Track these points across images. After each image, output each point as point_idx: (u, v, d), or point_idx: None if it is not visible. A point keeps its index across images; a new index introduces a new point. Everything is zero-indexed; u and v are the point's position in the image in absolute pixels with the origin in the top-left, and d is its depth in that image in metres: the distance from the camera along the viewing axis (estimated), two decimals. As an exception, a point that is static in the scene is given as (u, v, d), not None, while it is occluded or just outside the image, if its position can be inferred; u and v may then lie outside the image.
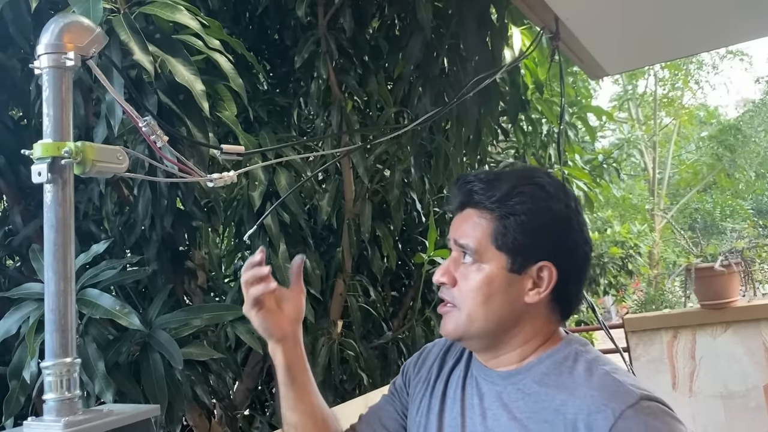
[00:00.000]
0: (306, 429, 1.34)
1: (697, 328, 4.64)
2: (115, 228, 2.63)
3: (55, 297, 1.10)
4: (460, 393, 1.22)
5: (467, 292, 1.13)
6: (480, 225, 1.14)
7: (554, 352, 1.15)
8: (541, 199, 1.14)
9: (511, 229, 1.12)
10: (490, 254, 1.13)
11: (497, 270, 1.13)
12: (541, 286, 1.13)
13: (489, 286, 1.12)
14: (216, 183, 1.39)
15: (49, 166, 1.12)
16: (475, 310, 1.13)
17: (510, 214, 1.12)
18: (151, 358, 1.98)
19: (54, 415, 1.06)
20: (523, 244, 1.12)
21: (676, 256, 10.63)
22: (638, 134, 14.38)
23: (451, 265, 1.16)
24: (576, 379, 1.09)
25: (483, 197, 1.14)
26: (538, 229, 1.13)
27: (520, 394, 1.13)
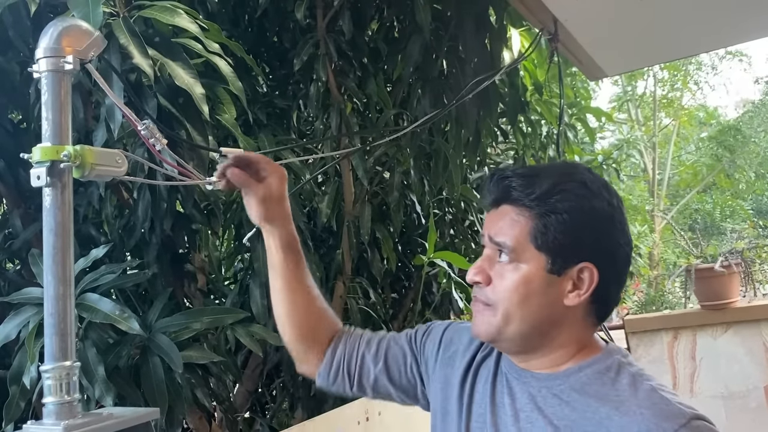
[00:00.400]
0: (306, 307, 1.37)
1: (697, 328, 4.64)
2: (114, 231, 2.63)
3: (55, 301, 1.10)
4: (489, 388, 1.18)
5: (503, 292, 1.09)
6: (518, 223, 1.09)
7: (595, 361, 1.11)
8: (583, 197, 1.09)
9: (551, 228, 1.07)
10: (528, 254, 1.08)
11: (536, 270, 1.08)
12: (582, 289, 1.08)
13: (526, 286, 1.08)
14: (216, 186, 1.39)
15: (48, 170, 1.12)
16: (511, 310, 1.08)
17: (551, 212, 1.07)
18: (151, 361, 1.98)
19: (54, 419, 1.06)
20: (563, 244, 1.07)
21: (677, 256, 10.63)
22: (638, 135, 14.39)
23: (486, 263, 1.12)
24: (620, 393, 1.05)
25: (522, 194, 1.09)
26: (580, 229, 1.08)
27: (557, 400, 1.08)
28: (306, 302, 1.39)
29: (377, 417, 2.22)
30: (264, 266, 2.63)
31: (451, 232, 3.89)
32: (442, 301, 3.62)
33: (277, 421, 3.55)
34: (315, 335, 1.39)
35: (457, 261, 3.24)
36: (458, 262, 3.25)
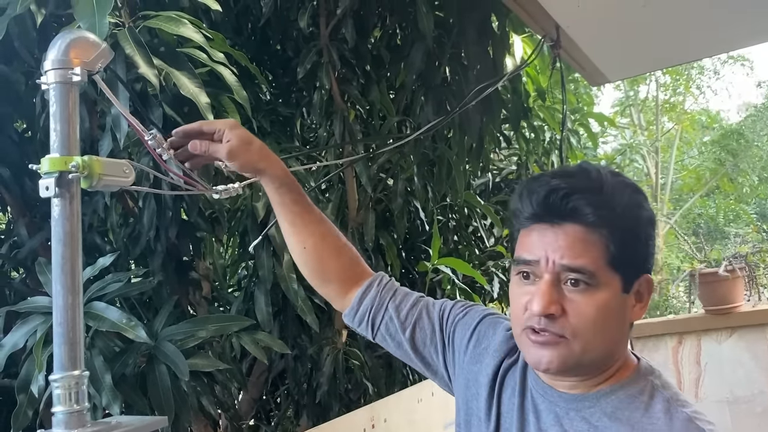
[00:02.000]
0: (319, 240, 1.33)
1: (702, 333, 4.63)
2: (120, 239, 2.64)
3: (63, 311, 1.11)
4: (518, 401, 1.13)
5: (585, 323, 0.99)
6: (594, 244, 0.99)
7: (627, 383, 1.05)
8: (646, 208, 1.04)
9: (629, 246, 1.00)
10: (605, 277, 0.99)
11: (612, 294, 1.00)
12: (643, 301, 1.04)
13: (606, 313, 1.00)
14: (221, 195, 1.40)
15: (57, 181, 1.12)
16: (592, 341, 1.00)
17: (628, 229, 1.00)
18: (158, 369, 1.99)
19: (62, 428, 1.07)
20: (637, 261, 1.02)
21: (680, 261, 10.61)
22: (640, 139, 14.38)
23: (554, 292, 1.00)
24: (654, 421, 0.99)
25: (596, 213, 0.99)
26: (649, 241, 1.03)
27: (585, 424, 1.03)
28: (320, 240, 1.34)
29: (383, 424, 2.22)
30: (268, 273, 2.65)
31: (455, 239, 3.90)
32: (446, 308, 3.62)
33: (282, 428, 3.56)
34: (335, 270, 1.35)
35: (461, 267, 3.24)
36: (462, 269, 3.25)
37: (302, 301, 2.74)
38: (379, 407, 2.29)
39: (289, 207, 1.34)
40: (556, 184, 1.01)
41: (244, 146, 1.29)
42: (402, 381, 3.24)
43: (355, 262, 1.37)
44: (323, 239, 1.35)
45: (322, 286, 1.39)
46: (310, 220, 1.35)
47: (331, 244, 1.36)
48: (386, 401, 2.46)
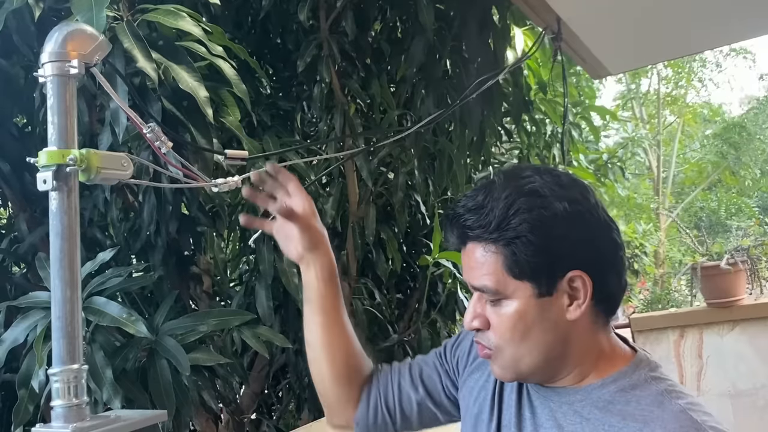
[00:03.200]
0: (346, 344, 1.29)
1: (704, 327, 4.63)
2: (120, 234, 2.64)
3: (62, 304, 1.11)
4: (515, 398, 1.14)
5: (503, 335, 1.02)
6: (488, 260, 1.01)
7: (620, 376, 1.04)
8: (540, 207, 1.00)
9: (521, 253, 0.99)
10: (511, 287, 1.01)
11: (525, 300, 1.01)
12: (580, 298, 1.02)
13: (523, 321, 1.01)
14: (221, 188, 1.39)
15: (55, 174, 1.12)
16: (516, 350, 1.03)
17: (515, 238, 0.99)
18: (158, 364, 1.99)
19: (62, 422, 1.07)
20: (541, 264, 1.00)
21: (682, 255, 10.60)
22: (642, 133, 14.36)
23: (478, 307, 1.05)
24: (646, 413, 0.98)
25: (479, 230, 1.01)
26: (551, 241, 0.99)
27: (578, 418, 1.03)
28: (346, 339, 1.30)
29: (384, 418, 2.21)
30: (269, 267, 2.65)
31: (456, 233, 3.89)
32: (448, 302, 3.62)
33: (284, 422, 3.56)
34: (352, 376, 1.31)
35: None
36: (463, 262, 3.24)
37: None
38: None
39: (327, 308, 1.29)
40: (453, 209, 1.07)
41: (316, 224, 1.28)
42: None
43: (367, 369, 1.34)
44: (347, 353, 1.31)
45: (337, 392, 1.32)
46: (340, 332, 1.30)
47: (355, 356, 1.32)
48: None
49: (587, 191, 1.05)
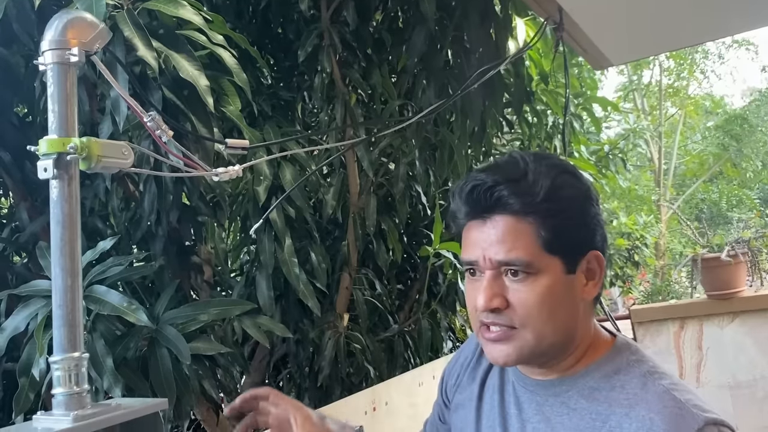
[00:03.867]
0: None
1: (704, 318, 4.63)
2: (121, 224, 2.64)
3: (63, 293, 1.11)
4: (498, 398, 1.14)
5: (531, 310, 0.99)
6: (524, 233, 0.99)
7: (603, 362, 1.05)
8: (576, 186, 1.03)
9: (561, 229, 0.99)
10: (544, 262, 0.99)
11: (555, 277, 1.00)
12: (595, 278, 1.03)
13: (552, 297, 0.99)
14: (221, 177, 1.39)
15: (55, 162, 1.12)
16: (542, 327, 1.00)
17: (558, 212, 0.99)
18: (159, 353, 1.99)
19: (63, 409, 1.07)
20: (575, 241, 1.01)
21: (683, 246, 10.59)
22: (644, 124, 14.33)
23: (495, 286, 1.00)
24: (630, 397, 0.99)
25: (520, 201, 0.99)
26: (585, 219, 1.02)
27: (565, 409, 1.03)
28: None
29: (384, 407, 2.23)
30: (270, 257, 2.65)
31: (456, 224, 3.88)
32: (448, 292, 3.62)
33: (285, 412, 3.56)
34: None
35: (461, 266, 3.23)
36: (464, 253, 3.24)
37: (304, 285, 2.74)
38: (380, 390, 2.30)
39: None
40: (481, 179, 1.02)
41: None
42: (403, 365, 3.25)
43: None
44: None
45: None
46: None
47: None
48: (387, 384, 2.47)
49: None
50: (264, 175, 2.59)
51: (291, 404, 1.22)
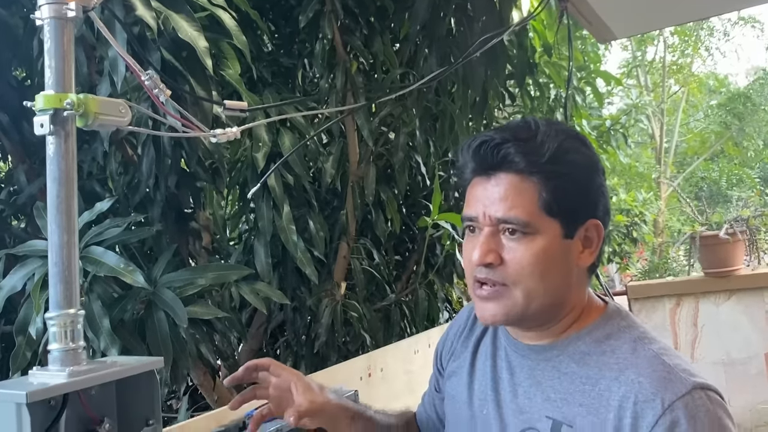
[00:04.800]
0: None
1: (700, 295, 4.65)
2: (119, 188, 2.63)
3: (59, 249, 1.10)
4: (490, 363, 1.16)
5: (523, 268, 1.00)
6: (527, 192, 1.00)
7: (594, 328, 1.06)
8: (584, 153, 1.04)
9: (563, 192, 1.00)
10: (542, 223, 1.00)
11: (552, 239, 1.01)
12: (592, 246, 1.04)
13: (546, 258, 1.01)
14: (219, 138, 1.38)
15: (52, 118, 1.11)
16: (533, 287, 1.01)
17: (562, 175, 1.00)
18: (156, 316, 2.00)
19: (59, 365, 1.07)
20: (576, 206, 1.02)
21: (681, 224, 10.61)
22: (646, 99, 14.25)
23: (492, 242, 1.02)
24: (621, 361, 1.01)
25: (526, 161, 1.00)
26: (589, 186, 1.04)
27: (556, 373, 1.05)
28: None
29: (379, 373, 2.24)
30: (268, 224, 2.65)
31: (455, 195, 3.88)
32: (445, 263, 3.63)
33: (281, 379, 3.59)
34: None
35: (461, 223, 3.23)
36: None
37: (301, 252, 2.74)
38: (376, 356, 2.31)
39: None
40: (489, 136, 1.04)
41: (318, 405, 1.23)
42: (399, 334, 3.26)
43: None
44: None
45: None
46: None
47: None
48: (383, 351, 2.48)
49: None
50: (263, 141, 2.58)
51: (291, 373, 1.25)
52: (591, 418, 0.99)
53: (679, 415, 0.92)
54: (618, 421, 0.96)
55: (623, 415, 0.96)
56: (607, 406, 0.98)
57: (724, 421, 0.95)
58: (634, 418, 0.95)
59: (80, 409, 1.10)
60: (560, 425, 1.01)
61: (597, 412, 0.99)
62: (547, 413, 1.03)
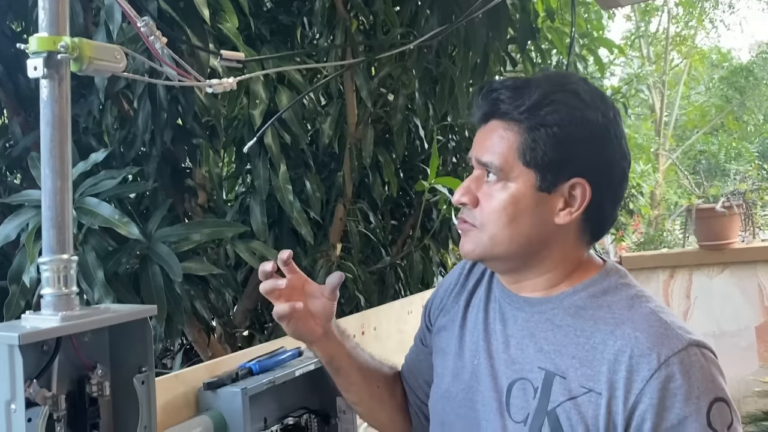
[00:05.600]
0: (365, 403, 1.35)
1: (694, 268, 4.69)
2: (115, 142, 2.61)
3: (52, 194, 1.09)
4: (482, 316, 1.16)
5: (491, 213, 1.05)
6: (506, 139, 1.04)
7: (591, 283, 1.08)
8: (575, 108, 1.03)
9: (541, 142, 1.02)
10: (516, 171, 1.03)
11: (525, 189, 1.03)
12: (573, 206, 1.05)
13: (515, 206, 1.04)
14: (215, 89, 1.36)
15: (45, 61, 1.09)
16: (499, 232, 1.05)
17: (540, 125, 1.02)
18: (151, 270, 1.99)
19: (51, 310, 1.07)
20: (554, 160, 1.02)
21: (678, 197, 10.61)
22: (648, 69, 14.14)
23: (473, 184, 1.08)
24: (617, 315, 1.02)
25: (510, 107, 1.04)
26: (572, 143, 1.02)
27: (550, 325, 1.06)
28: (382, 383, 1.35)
29: (372, 331, 2.26)
30: (264, 183, 2.64)
31: (453, 160, 3.87)
32: (441, 228, 3.63)
33: (276, 337, 3.61)
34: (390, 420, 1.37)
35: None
36: (459, 189, 3.22)
37: (297, 213, 2.73)
38: (369, 315, 2.32)
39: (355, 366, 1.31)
40: (490, 83, 1.09)
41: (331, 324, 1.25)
42: (393, 296, 3.27)
43: (397, 390, 1.37)
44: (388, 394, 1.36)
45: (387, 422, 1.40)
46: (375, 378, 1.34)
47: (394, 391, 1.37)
48: (377, 311, 2.50)
49: (619, 117, 1.08)
50: (260, 98, 2.55)
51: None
52: (584, 370, 1.00)
53: (674, 370, 0.94)
54: (612, 374, 0.97)
55: (617, 369, 0.97)
56: (601, 359, 0.99)
57: (717, 377, 0.97)
58: (628, 372, 0.96)
59: (73, 355, 1.11)
60: (553, 376, 1.02)
61: (591, 364, 1.00)
62: (540, 364, 1.04)
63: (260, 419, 1.57)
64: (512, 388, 1.07)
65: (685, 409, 0.94)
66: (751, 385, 4.12)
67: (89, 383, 1.11)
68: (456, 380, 1.17)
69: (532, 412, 1.03)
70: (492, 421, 1.09)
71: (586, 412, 0.98)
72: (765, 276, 4.54)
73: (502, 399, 1.08)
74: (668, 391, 0.94)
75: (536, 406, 1.03)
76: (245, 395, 1.46)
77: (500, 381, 1.09)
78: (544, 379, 1.03)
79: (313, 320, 1.22)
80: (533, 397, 1.04)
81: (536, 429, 1.02)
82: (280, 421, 1.62)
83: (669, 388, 0.94)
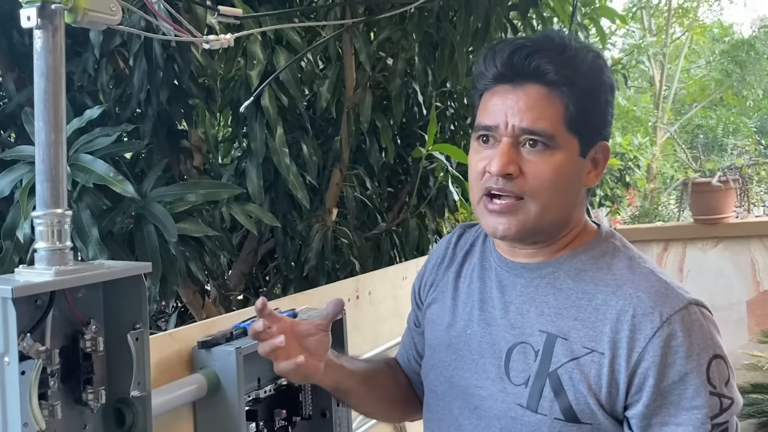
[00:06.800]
0: (379, 409, 1.37)
1: (688, 242, 4.72)
2: (110, 101, 2.58)
3: (46, 147, 1.08)
4: (477, 285, 1.16)
5: (543, 181, 1.01)
6: (554, 105, 1.01)
7: (589, 246, 1.08)
8: (606, 73, 1.05)
9: (587, 108, 1.01)
10: (564, 139, 1.01)
11: (570, 156, 1.02)
12: (598, 168, 1.07)
13: (563, 174, 1.02)
14: (212, 45, 1.34)
15: (39, 11, 1.07)
16: (549, 202, 1.02)
17: (590, 91, 1.02)
18: (145, 229, 1.98)
19: (45, 264, 1.06)
20: (594, 125, 1.04)
21: (674, 171, 10.60)
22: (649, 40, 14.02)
23: (513, 153, 1.02)
24: (617, 277, 1.03)
25: (557, 71, 1.00)
26: (607, 106, 1.05)
27: (551, 289, 1.06)
28: (379, 405, 1.35)
29: (367, 296, 2.26)
30: (261, 146, 2.62)
31: (452, 127, 3.84)
32: (438, 195, 3.62)
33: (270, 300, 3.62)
34: (409, 400, 1.36)
35: (456, 154, 3.20)
36: (457, 156, 3.21)
37: (294, 176, 2.72)
38: (364, 280, 2.33)
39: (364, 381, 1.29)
40: (521, 44, 1.03)
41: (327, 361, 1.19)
42: (388, 262, 3.28)
43: (395, 379, 1.36)
44: (397, 397, 1.36)
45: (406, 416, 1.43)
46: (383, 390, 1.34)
47: (401, 392, 1.36)
48: (372, 275, 2.50)
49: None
50: (257, 59, 2.52)
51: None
52: (587, 331, 1.01)
53: (675, 328, 0.96)
54: (614, 333, 0.99)
55: (620, 328, 0.99)
56: (603, 320, 1.00)
57: (715, 335, 1.00)
58: (631, 331, 0.98)
59: (67, 310, 1.10)
60: (555, 338, 1.03)
61: (593, 325, 1.01)
62: (541, 327, 1.05)
63: (254, 379, 1.58)
64: (512, 352, 1.07)
65: (686, 366, 0.96)
66: (740, 358, 4.17)
67: (83, 338, 1.10)
68: (448, 350, 1.17)
69: (533, 375, 1.04)
70: (487, 387, 1.09)
71: (588, 371, 0.99)
72: (758, 251, 4.57)
73: (501, 364, 1.08)
74: (670, 348, 0.96)
75: (537, 369, 1.04)
76: (239, 354, 1.46)
77: (499, 346, 1.09)
78: (546, 342, 1.04)
79: (314, 359, 1.15)
80: (534, 360, 1.04)
81: (537, 390, 1.03)
82: (273, 381, 1.63)
83: (671, 345, 0.96)
